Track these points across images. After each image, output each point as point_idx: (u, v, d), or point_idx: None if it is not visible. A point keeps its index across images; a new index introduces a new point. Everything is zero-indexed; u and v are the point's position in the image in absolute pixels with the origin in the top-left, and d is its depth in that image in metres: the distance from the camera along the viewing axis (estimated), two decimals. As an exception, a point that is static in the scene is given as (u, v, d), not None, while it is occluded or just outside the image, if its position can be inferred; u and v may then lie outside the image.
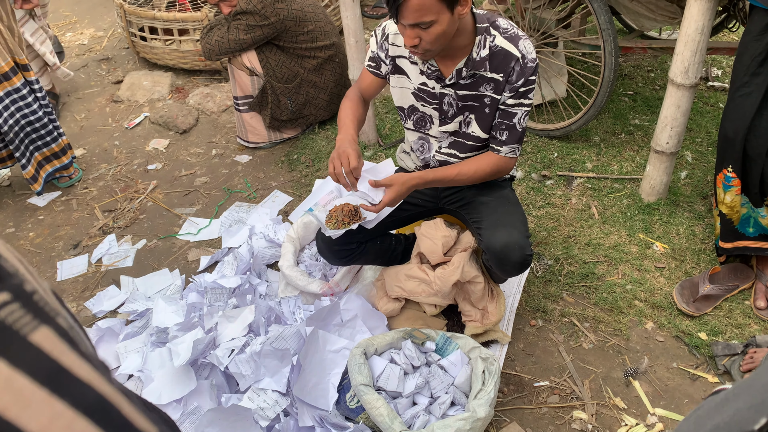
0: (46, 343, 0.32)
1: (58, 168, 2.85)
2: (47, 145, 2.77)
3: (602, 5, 2.40)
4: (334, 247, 1.88)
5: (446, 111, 1.77)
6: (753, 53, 1.82)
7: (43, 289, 0.36)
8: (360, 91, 1.89)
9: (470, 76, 1.68)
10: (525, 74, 1.64)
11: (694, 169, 2.65)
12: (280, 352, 1.81)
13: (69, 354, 0.33)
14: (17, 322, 0.32)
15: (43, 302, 0.33)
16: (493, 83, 1.67)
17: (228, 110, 3.41)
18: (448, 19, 1.50)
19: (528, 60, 1.64)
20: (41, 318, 0.33)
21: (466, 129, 1.78)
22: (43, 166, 2.80)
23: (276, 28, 2.76)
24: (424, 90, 1.76)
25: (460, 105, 1.74)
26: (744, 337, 1.97)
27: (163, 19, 3.55)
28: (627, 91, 3.21)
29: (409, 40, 1.54)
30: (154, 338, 2.01)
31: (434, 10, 1.47)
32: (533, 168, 2.72)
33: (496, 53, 1.64)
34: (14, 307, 0.32)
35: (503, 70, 1.65)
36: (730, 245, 2.08)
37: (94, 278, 2.45)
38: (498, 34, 1.64)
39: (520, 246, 1.69)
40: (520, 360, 1.98)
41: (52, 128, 2.77)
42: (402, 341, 1.83)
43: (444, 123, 1.79)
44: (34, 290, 0.34)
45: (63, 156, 2.85)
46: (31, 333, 0.32)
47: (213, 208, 2.74)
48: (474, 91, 1.70)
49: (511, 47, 1.63)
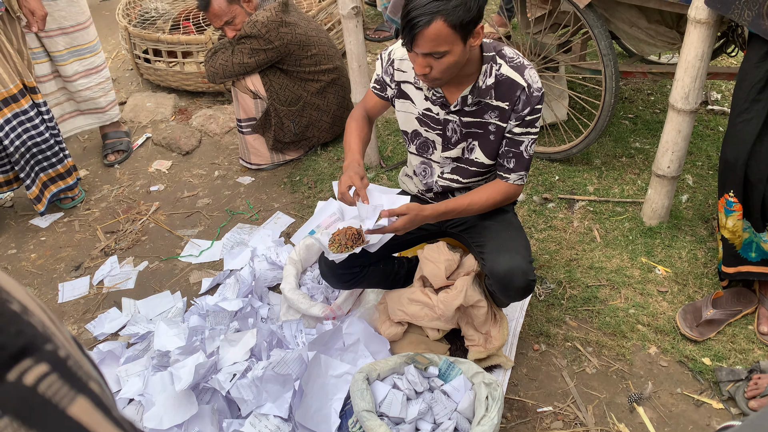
0: (84, 416, 0.32)
1: (62, 189, 2.86)
2: (53, 166, 2.78)
3: (602, 31, 2.43)
4: (338, 271, 1.88)
5: (450, 137, 1.78)
6: (753, 80, 1.83)
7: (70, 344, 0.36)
8: (365, 110, 1.92)
9: (475, 104, 1.69)
10: (531, 103, 1.66)
11: (695, 192, 2.66)
12: (282, 377, 1.80)
13: (104, 425, 0.33)
14: (56, 396, 0.32)
15: (77, 366, 0.33)
16: (498, 111, 1.69)
17: (231, 132, 3.43)
18: (460, 50, 1.53)
19: (534, 89, 1.65)
20: (77, 387, 0.33)
21: (469, 155, 1.79)
22: (47, 187, 2.82)
23: (280, 52, 2.79)
24: (428, 115, 1.78)
25: (464, 131, 1.75)
26: (748, 362, 1.96)
27: (167, 42, 3.58)
28: (627, 114, 3.23)
29: (420, 68, 1.55)
30: (156, 362, 2.00)
31: (449, 41, 1.49)
32: (535, 191, 2.73)
33: (501, 82, 1.66)
34: (53, 379, 0.32)
35: (509, 98, 1.66)
36: (732, 270, 2.08)
37: (96, 300, 2.44)
38: (504, 63, 1.66)
39: (523, 271, 1.69)
40: (523, 385, 1.97)
41: (59, 150, 2.79)
42: (405, 366, 1.82)
43: (447, 149, 1.81)
44: (68, 355, 0.34)
45: (68, 177, 2.86)
46: (69, 406, 0.32)
47: (215, 229, 2.75)
48: (478, 118, 1.72)
49: (516, 76, 1.65)
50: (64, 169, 2.83)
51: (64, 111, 3.12)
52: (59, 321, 0.38)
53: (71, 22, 2.87)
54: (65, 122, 3.15)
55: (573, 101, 3.09)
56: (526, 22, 2.96)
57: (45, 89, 2.97)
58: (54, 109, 3.06)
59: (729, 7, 1.87)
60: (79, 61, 2.97)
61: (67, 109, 3.13)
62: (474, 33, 1.52)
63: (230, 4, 2.71)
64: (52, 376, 0.32)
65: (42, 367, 0.32)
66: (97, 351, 2.13)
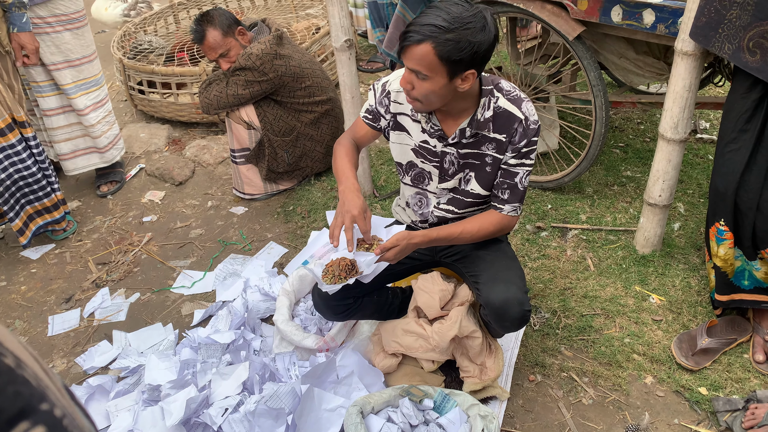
0: None
1: (49, 222, 2.84)
2: (39, 199, 2.76)
3: (592, 62, 2.47)
4: (331, 303, 1.87)
5: (447, 169, 1.79)
6: (740, 110, 1.86)
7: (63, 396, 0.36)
8: (354, 138, 1.89)
9: (473, 136, 1.71)
10: (527, 135, 1.67)
11: (686, 220, 2.67)
12: (274, 412, 1.77)
13: None
14: None
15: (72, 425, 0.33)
16: (496, 143, 1.70)
17: (224, 162, 3.44)
18: (443, 83, 1.54)
19: (530, 122, 1.67)
20: None
21: (465, 186, 1.80)
22: (33, 219, 2.79)
23: (274, 84, 2.82)
24: (425, 148, 1.78)
25: (461, 162, 1.76)
26: (744, 391, 1.95)
27: (161, 74, 3.61)
28: (618, 143, 3.27)
29: (404, 82, 1.59)
30: (146, 396, 1.97)
31: (432, 68, 1.51)
32: (528, 219, 2.74)
33: (499, 114, 1.67)
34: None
35: (506, 131, 1.68)
36: (726, 298, 2.08)
37: (86, 333, 2.41)
38: (501, 96, 1.68)
39: (519, 302, 1.69)
40: (519, 417, 1.94)
41: (46, 183, 2.77)
42: (399, 399, 1.80)
43: (444, 180, 1.81)
44: (64, 414, 0.33)
45: (55, 211, 2.83)
46: None
47: (208, 260, 2.73)
48: (476, 150, 1.73)
49: (514, 109, 1.67)
50: (51, 203, 2.81)
51: (77, 147, 3.09)
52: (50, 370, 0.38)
53: (78, 55, 2.88)
54: (77, 159, 3.11)
55: (564, 131, 3.12)
56: (517, 53, 3.01)
57: (53, 123, 2.97)
58: (63, 145, 3.04)
59: (710, 40, 1.91)
60: (86, 95, 2.98)
61: (81, 146, 3.09)
62: (463, 76, 1.54)
63: (225, 37, 2.74)
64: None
65: (39, 429, 0.31)
66: (86, 385, 2.10)
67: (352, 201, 1.64)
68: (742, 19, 1.79)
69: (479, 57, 1.52)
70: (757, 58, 1.77)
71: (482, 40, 1.49)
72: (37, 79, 2.85)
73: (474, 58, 1.51)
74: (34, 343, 2.35)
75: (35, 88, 2.88)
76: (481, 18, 1.49)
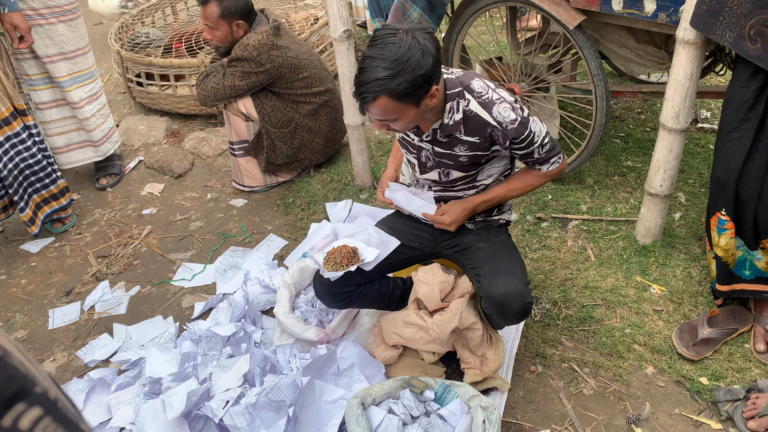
0: None
1: (56, 209, 2.85)
2: (46, 187, 2.78)
3: (592, 51, 2.45)
4: (333, 290, 1.87)
5: (424, 162, 1.81)
6: (741, 99, 1.85)
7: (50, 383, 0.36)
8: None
9: (446, 136, 1.71)
10: (510, 136, 1.66)
11: (687, 210, 2.67)
12: (275, 404, 1.77)
13: None
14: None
15: (66, 408, 0.33)
16: (468, 145, 1.70)
17: (223, 154, 3.43)
18: (413, 113, 1.56)
19: (507, 124, 1.64)
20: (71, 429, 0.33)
21: (447, 178, 1.82)
22: (41, 208, 2.81)
23: (271, 75, 2.80)
24: (406, 140, 1.83)
25: (437, 160, 1.78)
26: (745, 381, 1.95)
27: (159, 65, 3.59)
28: (619, 133, 3.25)
29: (378, 126, 1.62)
30: (147, 389, 1.97)
31: (397, 110, 1.54)
32: (528, 210, 2.73)
33: (470, 118, 1.66)
34: (47, 422, 0.32)
35: (479, 134, 1.67)
36: (726, 288, 2.08)
37: (87, 326, 2.41)
38: (472, 98, 1.65)
39: (520, 294, 1.68)
40: (520, 408, 1.95)
41: (51, 171, 2.79)
42: (400, 390, 1.80)
43: (424, 172, 1.84)
44: (57, 397, 0.33)
45: (61, 197, 2.86)
46: None
47: (208, 253, 2.73)
48: (449, 151, 1.74)
49: (485, 114, 1.65)
50: (57, 190, 2.83)
51: (71, 141, 3.07)
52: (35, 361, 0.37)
53: (72, 47, 2.86)
54: (72, 153, 3.10)
55: (564, 121, 3.10)
56: (517, 43, 2.99)
57: (46, 116, 2.95)
58: (57, 138, 3.02)
59: (711, 28, 1.89)
60: (81, 88, 2.96)
61: (75, 140, 3.08)
62: (429, 96, 1.54)
63: (220, 19, 2.73)
64: (47, 420, 0.32)
65: (35, 410, 0.32)
66: (87, 378, 2.10)
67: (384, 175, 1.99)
68: (743, 6, 1.78)
69: (434, 74, 1.52)
70: (758, 47, 1.76)
71: (427, 62, 1.48)
72: (29, 72, 2.83)
73: (431, 78, 1.51)
74: (34, 337, 2.35)
75: (27, 81, 2.85)
76: (415, 45, 1.47)
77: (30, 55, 2.78)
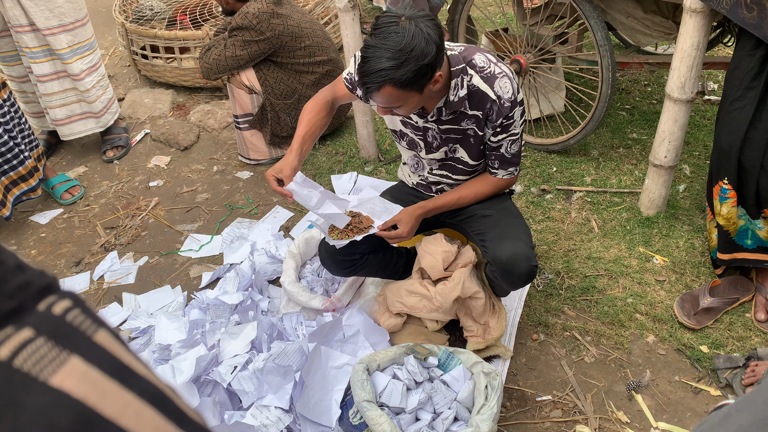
0: (107, 343, 0.36)
1: (25, 191, 2.78)
2: (14, 168, 2.70)
3: (599, 21, 2.43)
4: (337, 257, 1.90)
5: (431, 142, 1.82)
6: (746, 68, 1.84)
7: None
8: (333, 95, 1.90)
9: (451, 113, 1.72)
10: (502, 114, 1.68)
11: (692, 182, 2.67)
12: (282, 369, 1.81)
13: (126, 353, 0.37)
14: (82, 325, 0.36)
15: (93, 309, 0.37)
16: (474, 119, 1.72)
17: (229, 127, 3.44)
18: (417, 99, 1.57)
19: (504, 100, 1.66)
20: (98, 322, 0.37)
21: (453, 155, 1.83)
22: (10, 190, 2.73)
23: (272, 44, 2.79)
24: (408, 122, 1.82)
25: (444, 137, 1.79)
26: (745, 349, 1.98)
27: (164, 38, 3.58)
28: (624, 105, 3.24)
29: (381, 111, 1.64)
30: (157, 355, 2.01)
31: (402, 98, 1.54)
32: (532, 182, 2.74)
33: (474, 92, 1.67)
34: (77, 312, 0.36)
35: (482, 108, 1.69)
36: (728, 257, 2.10)
37: (97, 296, 2.45)
38: (475, 74, 1.66)
39: (526, 257, 1.71)
40: (522, 375, 1.98)
41: (18, 152, 2.70)
42: (404, 357, 1.83)
43: (430, 152, 1.85)
44: (84, 299, 0.37)
45: (30, 178, 2.78)
46: (94, 334, 0.36)
47: (214, 224, 2.75)
48: (456, 126, 1.75)
49: (487, 88, 1.66)
50: (26, 171, 2.74)
51: (73, 113, 3.07)
52: None
53: (71, 19, 2.86)
54: (74, 124, 3.11)
55: (570, 92, 3.09)
56: (523, 14, 2.97)
57: (47, 89, 2.95)
58: (58, 111, 3.03)
59: None
60: (81, 59, 2.96)
61: (77, 111, 3.08)
62: (433, 81, 1.54)
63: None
64: (76, 310, 0.36)
65: (66, 302, 0.36)
66: (98, 345, 2.14)
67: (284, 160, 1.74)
68: None
69: (438, 61, 1.52)
70: (754, 14, 1.75)
71: (431, 50, 1.47)
72: (30, 45, 2.82)
73: (434, 66, 1.51)
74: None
75: (29, 54, 2.85)
76: (418, 33, 1.45)
77: (29, 27, 2.78)
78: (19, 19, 2.74)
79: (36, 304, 0.35)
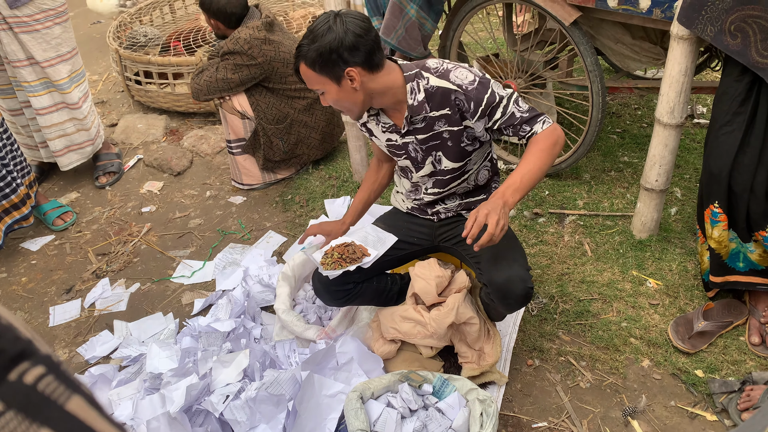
0: (80, 411, 0.35)
1: (17, 219, 2.76)
2: (6, 197, 2.68)
3: (588, 47, 2.47)
4: (332, 288, 1.89)
5: (415, 158, 1.83)
6: (733, 93, 1.87)
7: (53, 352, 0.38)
8: (376, 154, 2.07)
9: (422, 120, 1.73)
10: (472, 97, 1.64)
11: (683, 205, 2.69)
12: (275, 398, 1.79)
13: (99, 420, 0.36)
14: (54, 393, 0.35)
15: (68, 372, 0.36)
16: (445, 119, 1.72)
17: (222, 152, 3.44)
18: (335, 89, 1.64)
19: (466, 85, 1.65)
20: (72, 387, 0.36)
21: (439, 166, 1.83)
22: (2, 219, 2.71)
23: (263, 69, 2.82)
24: (391, 144, 1.85)
25: (424, 147, 1.79)
26: (740, 373, 1.97)
27: (158, 64, 3.60)
28: (615, 128, 3.27)
29: (323, 101, 1.73)
30: (148, 384, 1.98)
31: (318, 82, 1.64)
32: (525, 206, 2.75)
33: (433, 93, 1.69)
34: (50, 379, 0.35)
35: (447, 105, 1.69)
36: (720, 279, 2.10)
37: (87, 323, 2.42)
38: (430, 75, 1.69)
39: (522, 279, 1.70)
40: (517, 401, 1.96)
41: (11, 180, 2.69)
42: (399, 384, 1.82)
43: (419, 169, 1.86)
44: (60, 360, 0.37)
45: (23, 206, 2.77)
46: (66, 402, 0.35)
47: (207, 250, 2.74)
48: (430, 132, 1.76)
49: (444, 83, 1.68)
50: (18, 199, 2.73)
51: (72, 142, 3.08)
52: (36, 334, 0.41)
53: (68, 48, 2.87)
54: (71, 153, 3.10)
55: (561, 117, 3.12)
56: (514, 39, 3.01)
57: (46, 121, 2.95)
58: (57, 142, 3.03)
59: (693, 22, 1.92)
60: (78, 87, 2.97)
61: (76, 141, 3.08)
62: (348, 77, 1.61)
63: (203, 12, 2.83)
64: (49, 377, 0.35)
65: (39, 368, 0.35)
66: (88, 374, 2.11)
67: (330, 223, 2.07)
68: (724, 2, 1.80)
69: (343, 55, 1.58)
70: (738, 42, 1.78)
71: (331, 39, 1.57)
72: (28, 79, 2.83)
73: (340, 57, 1.58)
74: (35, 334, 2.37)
75: (27, 88, 2.86)
76: (325, 21, 1.58)
77: (27, 61, 2.79)
78: (17, 53, 2.76)
79: (7, 373, 0.34)
